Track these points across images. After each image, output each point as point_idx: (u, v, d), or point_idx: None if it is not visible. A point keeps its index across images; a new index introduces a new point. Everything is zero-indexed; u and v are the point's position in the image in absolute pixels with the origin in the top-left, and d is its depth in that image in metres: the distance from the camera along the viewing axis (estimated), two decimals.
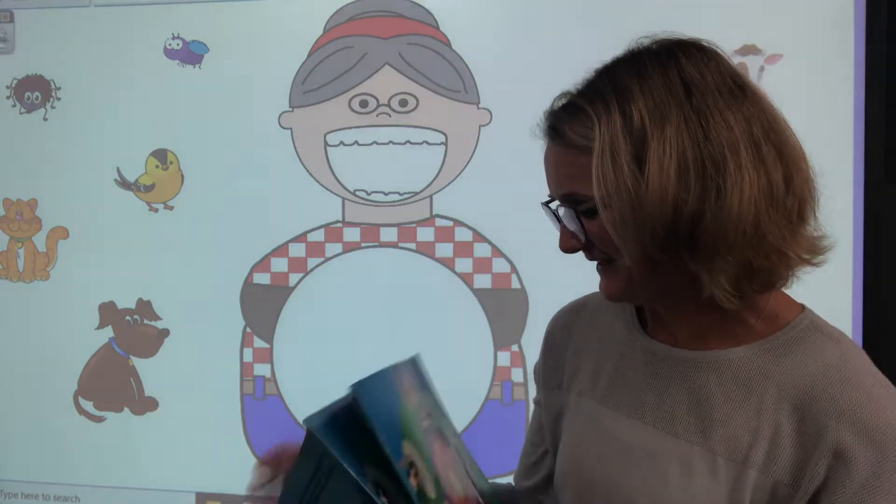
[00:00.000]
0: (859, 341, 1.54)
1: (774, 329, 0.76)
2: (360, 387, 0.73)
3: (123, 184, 1.85)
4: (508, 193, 1.68)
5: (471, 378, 1.72)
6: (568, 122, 0.74)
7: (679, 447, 0.75)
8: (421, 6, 1.73)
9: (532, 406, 0.98)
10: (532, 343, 1.68)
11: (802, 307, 0.78)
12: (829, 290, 1.55)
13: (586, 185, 0.72)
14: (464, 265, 1.74)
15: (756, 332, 0.76)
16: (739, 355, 0.75)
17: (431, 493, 0.74)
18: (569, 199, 0.75)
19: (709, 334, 0.77)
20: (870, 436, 0.68)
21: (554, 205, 0.78)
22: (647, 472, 0.76)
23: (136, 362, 1.86)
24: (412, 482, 0.72)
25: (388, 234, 1.76)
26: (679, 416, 0.76)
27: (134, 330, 1.86)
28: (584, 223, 0.75)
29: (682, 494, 0.73)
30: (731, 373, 0.75)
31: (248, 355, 1.81)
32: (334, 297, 1.77)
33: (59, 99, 1.87)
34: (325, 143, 1.77)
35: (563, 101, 0.76)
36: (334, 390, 0.75)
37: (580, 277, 0.85)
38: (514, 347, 1.73)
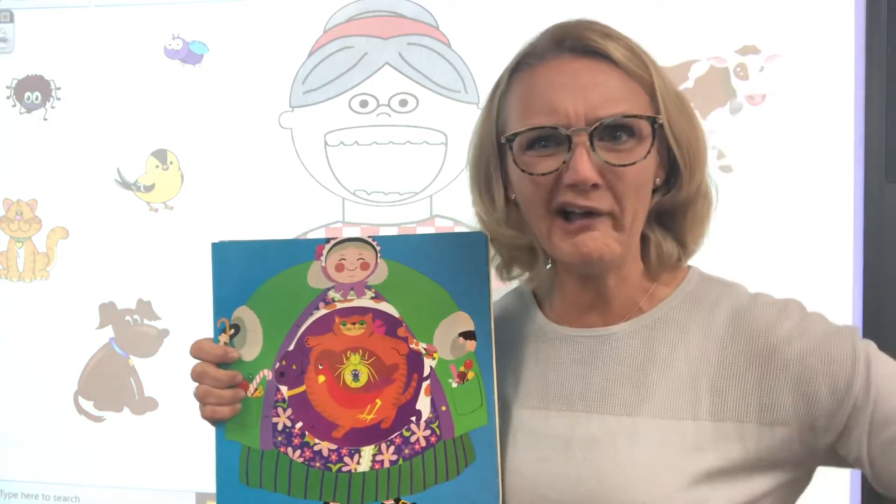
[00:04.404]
0: None
1: (672, 287, 0.79)
2: (219, 246, 0.82)
3: (123, 184, 1.85)
4: None
5: None
6: (613, 43, 0.74)
7: (620, 423, 0.74)
8: (421, 6, 1.73)
9: None
10: None
11: (689, 266, 0.82)
12: (829, 289, 1.55)
13: (644, 108, 0.73)
14: None
15: (658, 296, 0.79)
16: (652, 319, 0.77)
17: (248, 357, 0.78)
18: (622, 121, 0.71)
19: (619, 308, 0.79)
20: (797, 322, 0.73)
21: (575, 129, 0.71)
22: (594, 458, 0.73)
23: (136, 362, 1.86)
24: (220, 338, 0.78)
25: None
26: (613, 394, 0.75)
27: (134, 330, 1.86)
28: (626, 152, 0.71)
29: (637, 468, 0.71)
30: (651, 335, 0.77)
31: None
32: None
33: (59, 99, 1.87)
34: (325, 143, 1.77)
35: (592, 24, 0.77)
36: None
37: None
38: None
